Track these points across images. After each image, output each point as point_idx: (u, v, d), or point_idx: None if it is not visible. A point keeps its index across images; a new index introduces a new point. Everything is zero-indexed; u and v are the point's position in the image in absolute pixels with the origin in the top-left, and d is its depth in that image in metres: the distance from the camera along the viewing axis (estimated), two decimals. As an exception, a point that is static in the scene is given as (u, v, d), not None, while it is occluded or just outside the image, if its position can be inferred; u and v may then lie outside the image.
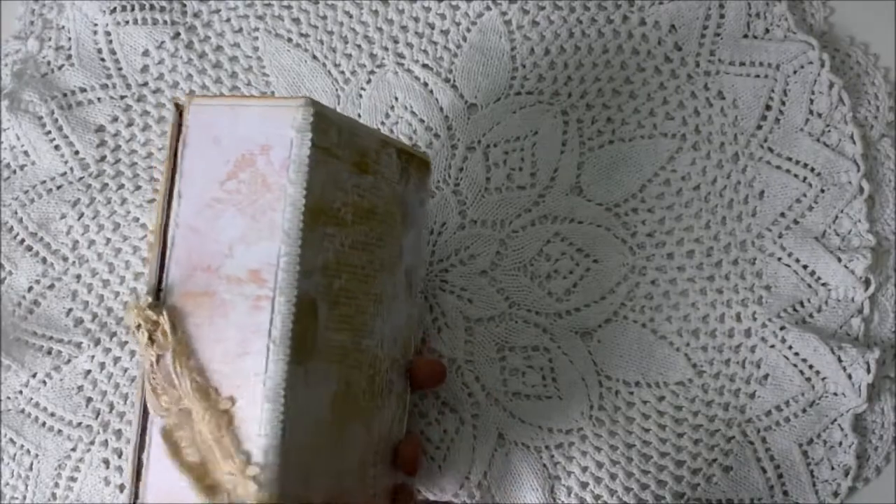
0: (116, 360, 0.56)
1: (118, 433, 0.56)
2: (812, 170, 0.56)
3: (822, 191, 0.55)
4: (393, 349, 0.46)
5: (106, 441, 0.55)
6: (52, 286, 0.57)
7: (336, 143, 0.40)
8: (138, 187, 0.58)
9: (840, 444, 0.53)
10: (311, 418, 0.39)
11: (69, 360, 0.57)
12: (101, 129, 0.59)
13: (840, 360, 0.53)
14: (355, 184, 0.42)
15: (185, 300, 0.39)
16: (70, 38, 0.60)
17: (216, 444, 0.37)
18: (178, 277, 0.39)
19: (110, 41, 0.60)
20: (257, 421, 0.36)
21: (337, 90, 0.59)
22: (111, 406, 0.56)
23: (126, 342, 0.56)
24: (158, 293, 0.39)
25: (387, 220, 0.45)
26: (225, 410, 0.37)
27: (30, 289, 0.57)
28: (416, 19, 0.59)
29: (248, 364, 0.37)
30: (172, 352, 0.38)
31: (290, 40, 0.60)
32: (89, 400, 0.56)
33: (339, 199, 0.40)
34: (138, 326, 0.38)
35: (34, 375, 0.56)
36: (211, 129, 0.40)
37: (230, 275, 0.38)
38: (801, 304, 0.55)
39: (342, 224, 0.41)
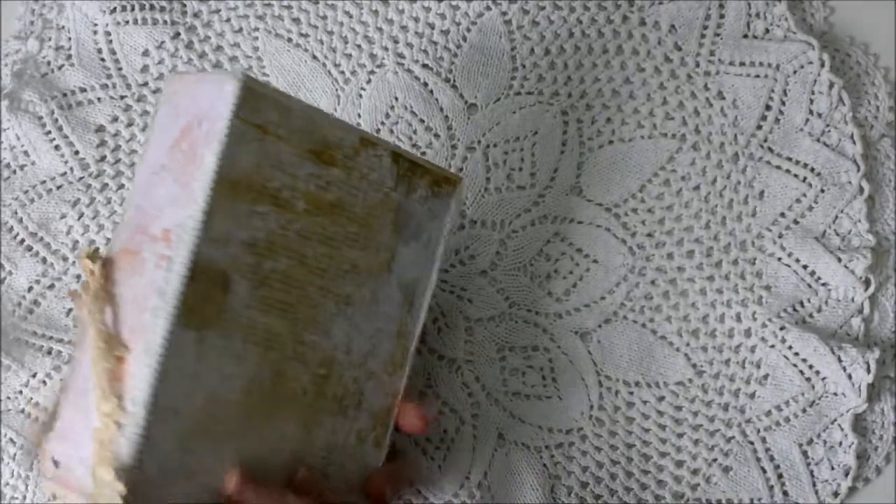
0: (116, 360, 0.56)
1: (118, 433, 0.56)
2: (812, 170, 0.56)
3: (822, 191, 0.55)
4: (368, 360, 0.45)
5: (106, 441, 0.55)
6: (52, 286, 0.57)
7: (276, 123, 0.40)
8: (138, 187, 0.58)
9: (840, 444, 0.53)
10: (207, 390, 0.39)
11: (69, 360, 0.57)
12: (101, 129, 0.59)
13: (840, 360, 0.53)
14: (312, 173, 0.42)
15: (120, 256, 0.41)
16: (70, 38, 0.60)
17: (99, 385, 0.38)
18: (122, 235, 0.41)
19: (110, 41, 0.60)
20: (137, 374, 0.38)
21: (337, 90, 0.59)
22: (111, 406, 0.56)
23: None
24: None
25: (369, 223, 0.45)
26: (119, 357, 0.39)
27: (30, 289, 0.57)
28: (416, 19, 0.59)
29: (145, 319, 0.38)
30: (91, 296, 0.40)
31: (290, 40, 0.60)
32: (89, 400, 0.56)
33: (279, 181, 0.41)
34: (81, 275, 0.41)
35: (34, 375, 0.56)
36: (174, 100, 0.42)
37: (153, 234, 0.40)
38: (801, 304, 0.55)
39: (285, 208, 0.41)
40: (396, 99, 0.59)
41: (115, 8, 0.60)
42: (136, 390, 0.38)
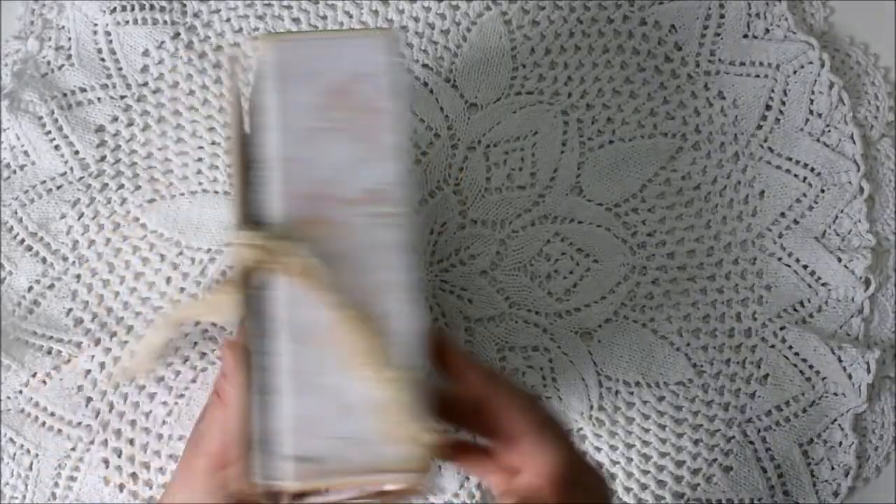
0: (116, 359, 0.56)
1: (118, 433, 0.55)
2: (812, 170, 0.56)
3: (822, 191, 0.56)
4: None
5: (105, 441, 0.55)
6: (52, 286, 0.57)
7: None
8: (138, 187, 0.58)
9: (840, 444, 0.53)
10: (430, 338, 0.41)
11: (69, 360, 0.57)
12: (101, 129, 0.59)
13: (840, 360, 0.53)
14: None
15: (298, 228, 0.40)
16: (70, 38, 0.60)
17: (369, 356, 0.38)
18: (282, 208, 0.40)
19: (110, 41, 0.60)
20: (399, 330, 0.38)
21: (337, 90, 0.59)
22: (111, 406, 0.56)
23: (126, 341, 0.56)
24: (264, 226, 0.40)
25: None
26: (370, 318, 0.38)
27: (30, 289, 0.57)
28: (416, 19, 0.59)
29: (382, 277, 0.38)
30: (306, 278, 0.39)
31: (290, 40, 0.60)
32: (89, 399, 0.56)
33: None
34: (259, 262, 0.39)
35: (34, 375, 0.56)
36: (298, 63, 0.42)
37: (343, 197, 0.40)
38: (801, 304, 0.55)
39: None
40: (396, 99, 0.59)
41: (115, 8, 0.60)
42: (407, 346, 0.38)
